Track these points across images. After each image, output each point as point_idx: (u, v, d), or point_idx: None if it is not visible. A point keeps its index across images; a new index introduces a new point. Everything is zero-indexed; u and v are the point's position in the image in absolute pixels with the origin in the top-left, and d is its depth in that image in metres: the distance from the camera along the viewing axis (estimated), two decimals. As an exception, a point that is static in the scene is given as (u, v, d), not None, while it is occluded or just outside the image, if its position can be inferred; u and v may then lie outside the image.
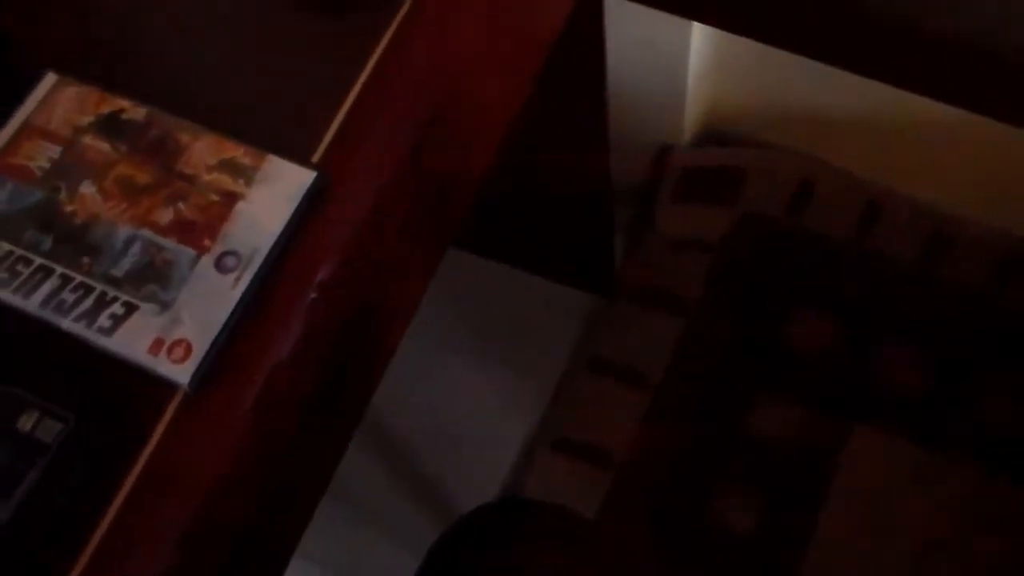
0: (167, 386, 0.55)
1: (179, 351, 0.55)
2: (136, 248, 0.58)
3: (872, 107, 1.03)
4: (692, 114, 1.11)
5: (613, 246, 1.21)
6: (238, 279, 0.57)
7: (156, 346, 0.56)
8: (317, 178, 0.59)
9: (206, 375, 0.55)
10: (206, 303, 0.57)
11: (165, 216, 0.59)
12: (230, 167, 0.60)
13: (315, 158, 0.60)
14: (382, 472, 1.30)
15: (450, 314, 1.28)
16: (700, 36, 0.99)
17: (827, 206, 1.18)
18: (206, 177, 0.60)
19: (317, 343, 0.58)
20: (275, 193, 0.59)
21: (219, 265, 0.58)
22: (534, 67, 0.75)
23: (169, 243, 0.59)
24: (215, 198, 0.60)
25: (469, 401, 1.31)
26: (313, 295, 0.58)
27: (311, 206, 0.59)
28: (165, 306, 0.57)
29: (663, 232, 1.23)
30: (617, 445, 1.21)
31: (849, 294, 1.22)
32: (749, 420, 1.20)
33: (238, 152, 0.61)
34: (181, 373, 0.55)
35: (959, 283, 1.18)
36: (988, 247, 1.15)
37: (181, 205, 0.60)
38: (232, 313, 0.56)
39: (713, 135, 1.17)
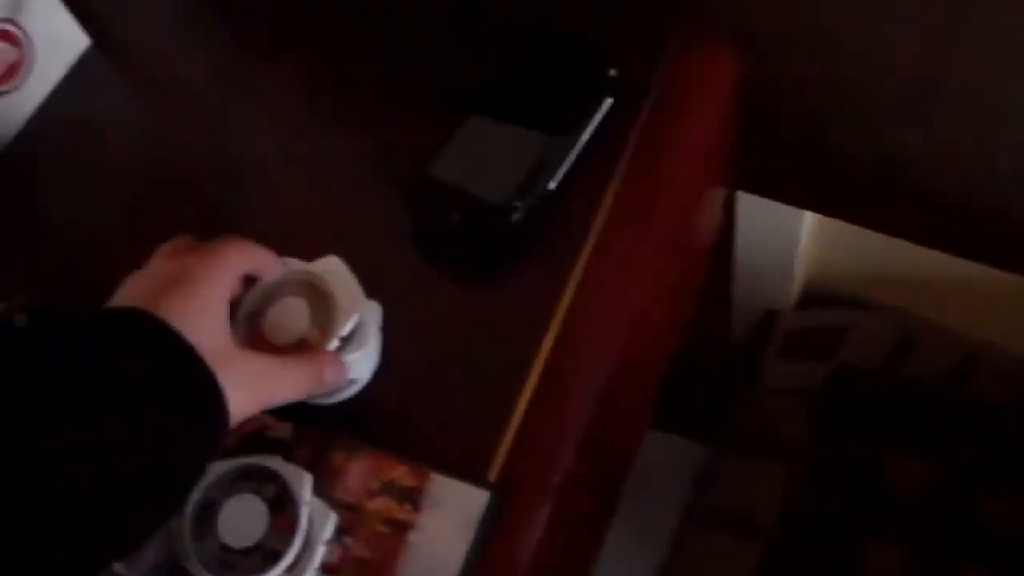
0: None
1: None
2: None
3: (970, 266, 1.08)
4: (798, 279, 1.19)
5: (728, 399, 1.27)
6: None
7: None
8: (492, 499, 0.53)
9: None
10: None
11: (333, 554, 0.54)
12: (393, 490, 0.55)
13: (490, 473, 0.54)
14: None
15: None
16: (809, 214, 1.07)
17: (925, 359, 1.24)
18: (369, 505, 0.55)
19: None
20: (448, 519, 0.53)
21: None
22: (699, 281, 0.73)
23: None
24: (383, 529, 0.54)
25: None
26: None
27: (488, 532, 0.53)
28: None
29: (768, 386, 1.29)
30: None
31: (947, 440, 1.27)
32: (862, 566, 1.23)
33: (399, 472, 0.55)
34: None
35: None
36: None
37: (348, 540, 0.54)
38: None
39: (815, 297, 1.25)
